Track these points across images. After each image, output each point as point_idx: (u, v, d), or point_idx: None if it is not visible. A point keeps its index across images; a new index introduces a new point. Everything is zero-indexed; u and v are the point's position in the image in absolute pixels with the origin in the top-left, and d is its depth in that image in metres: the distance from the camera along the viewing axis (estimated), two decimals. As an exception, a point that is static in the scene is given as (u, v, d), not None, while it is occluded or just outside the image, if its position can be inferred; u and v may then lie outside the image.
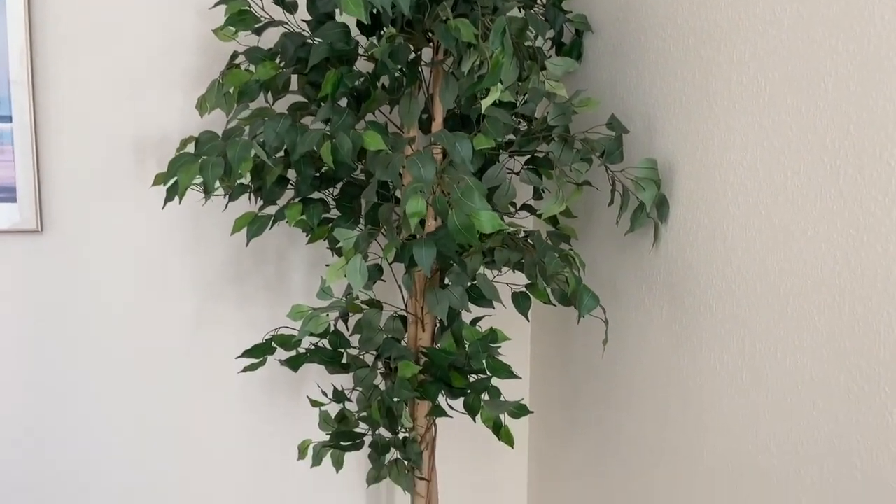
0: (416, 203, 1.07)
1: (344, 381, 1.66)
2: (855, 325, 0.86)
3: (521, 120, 1.41)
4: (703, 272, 1.13)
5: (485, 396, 1.42)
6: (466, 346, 1.31)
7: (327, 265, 1.55)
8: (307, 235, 1.45)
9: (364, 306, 1.38)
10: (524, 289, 1.34)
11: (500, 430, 1.39)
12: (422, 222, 1.36)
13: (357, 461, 1.71)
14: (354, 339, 1.68)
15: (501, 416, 1.72)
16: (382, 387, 1.36)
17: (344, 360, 1.50)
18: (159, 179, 1.31)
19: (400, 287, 1.50)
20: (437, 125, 1.31)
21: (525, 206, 1.48)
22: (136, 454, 1.59)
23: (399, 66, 1.23)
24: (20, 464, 1.54)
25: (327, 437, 1.38)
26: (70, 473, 1.57)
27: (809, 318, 0.92)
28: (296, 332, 1.28)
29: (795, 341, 0.94)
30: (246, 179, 1.53)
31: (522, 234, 1.29)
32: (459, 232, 1.07)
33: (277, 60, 1.28)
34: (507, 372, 1.29)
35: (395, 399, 1.29)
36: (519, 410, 1.38)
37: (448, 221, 1.08)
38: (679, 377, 1.18)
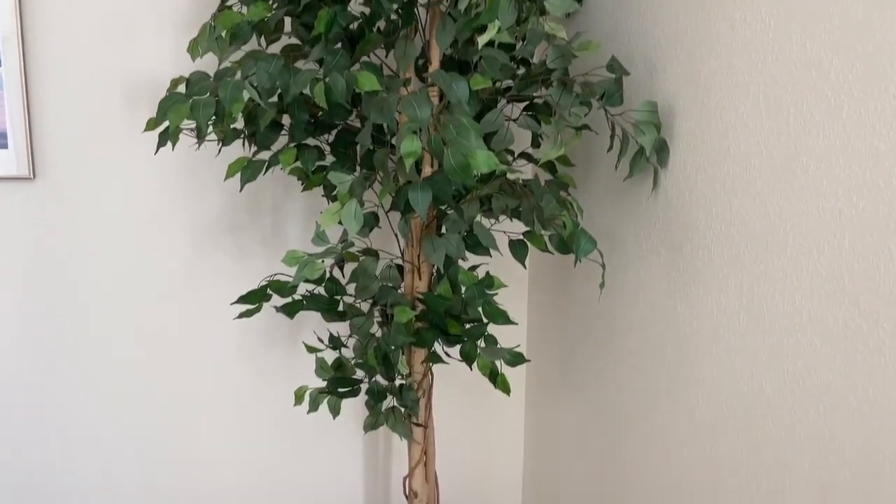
0: (410, 143, 1.05)
1: (340, 328, 1.66)
2: (855, 262, 0.85)
3: (519, 65, 1.38)
4: (701, 216, 1.11)
5: (481, 344, 1.42)
6: (463, 291, 1.30)
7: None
8: (302, 184, 1.44)
9: (360, 255, 1.37)
10: (521, 236, 1.33)
11: (496, 378, 1.39)
12: (418, 170, 1.35)
13: (354, 408, 1.71)
14: (351, 288, 1.68)
15: (498, 364, 1.73)
16: (379, 335, 1.36)
17: (340, 308, 1.50)
18: (151, 125, 1.29)
19: (396, 235, 1.49)
20: (433, 70, 1.28)
21: (523, 155, 1.46)
22: (131, 403, 1.60)
23: (395, 7, 1.20)
24: (17, 408, 1.55)
25: (324, 384, 1.38)
26: (66, 418, 1.57)
27: (809, 257, 0.91)
28: (291, 279, 1.27)
29: (794, 282, 0.93)
30: (239, 124, 1.51)
31: (521, 182, 1.28)
32: (455, 172, 1.05)
33: (270, 1, 1.25)
34: (503, 317, 1.28)
35: (392, 346, 1.29)
36: (515, 358, 1.38)
37: (444, 161, 1.06)
38: (676, 322, 1.18)
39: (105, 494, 1.61)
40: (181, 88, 1.20)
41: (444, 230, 1.34)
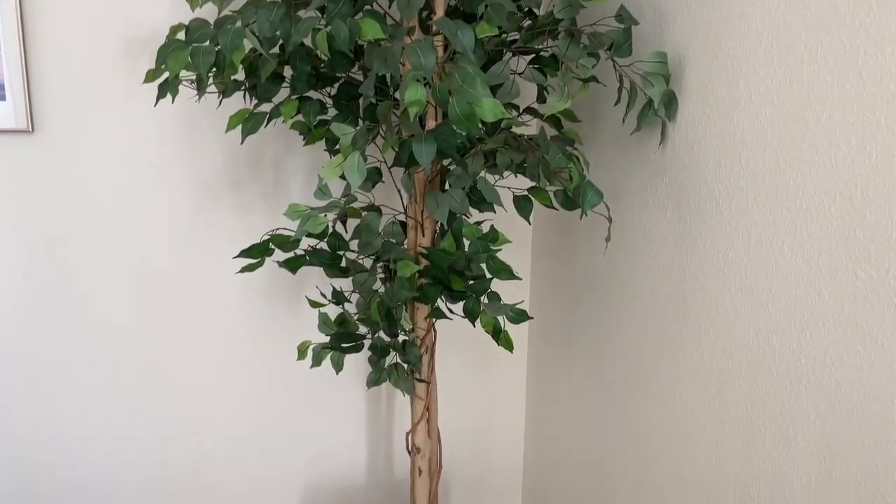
0: (415, 91, 1.03)
1: (344, 284, 1.65)
2: (867, 211, 0.83)
3: (525, 16, 1.35)
4: (710, 169, 1.10)
5: (484, 300, 1.42)
6: (466, 246, 1.29)
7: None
8: (304, 139, 1.42)
9: (363, 210, 1.36)
10: (526, 192, 1.32)
11: (499, 335, 1.39)
12: (422, 123, 1.33)
13: (357, 364, 1.72)
14: (354, 245, 1.67)
15: (501, 321, 1.73)
16: (382, 291, 1.35)
17: (343, 264, 1.49)
18: (150, 76, 1.26)
19: (399, 191, 1.48)
20: (437, 18, 1.25)
21: (529, 110, 1.44)
22: (131, 359, 1.60)
23: (398, -47, 1.17)
24: (17, 360, 1.55)
25: (327, 340, 1.38)
26: (64, 374, 1.58)
27: (820, 207, 0.90)
28: (293, 234, 1.26)
29: (804, 233, 0.92)
30: (240, 76, 1.49)
31: (526, 136, 1.26)
32: (460, 121, 1.03)
33: (270, -53, 1.21)
34: (507, 272, 1.27)
35: (395, 301, 1.28)
36: (519, 315, 1.37)
37: (449, 110, 1.04)
38: (681, 277, 1.17)
39: (107, 452, 1.62)
40: (181, 36, 1.18)
41: (447, 186, 1.32)
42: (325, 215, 1.25)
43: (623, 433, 1.37)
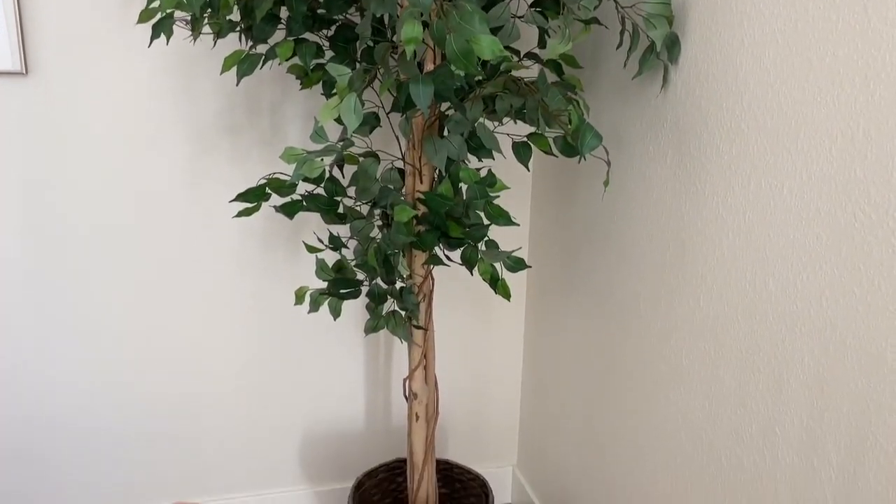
0: (411, 28, 1.01)
1: (341, 231, 1.65)
2: (868, 151, 0.82)
3: (527, -43, 1.32)
4: (711, 112, 1.08)
5: (482, 247, 1.41)
6: (464, 190, 1.28)
7: (323, 116, 1.50)
8: (300, 83, 1.40)
9: (360, 157, 1.35)
10: (525, 139, 1.30)
11: (497, 283, 1.39)
12: (420, 68, 1.31)
13: (355, 312, 1.72)
14: (351, 192, 1.66)
15: (498, 269, 1.72)
16: (379, 238, 1.34)
17: (340, 211, 1.49)
18: (144, 16, 1.24)
19: (397, 137, 1.46)
20: (436, -43, 1.22)
21: (529, 55, 1.42)
22: (132, 306, 1.60)
23: None
24: (14, 304, 1.55)
25: (325, 286, 1.38)
26: (63, 315, 1.58)
27: (821, 148, 0.88)
28: (290, 178, 1.25)
29: (804, 175, 0.91)
30: (235, 16, 1.46)
31: (526, 80, 1.24)
32: (458, 59, 1.02)
33: None
34: (505, 218, 1.27)
35: (392, 247, 1.28)
36: (517, 264, 1.37)
37: (446, 49, 1.02)
38: (679, 224, 1.16)
39: (104, 399, 1.64)
40: (173, -28, 1.15)
41: (446, 132, 1.30)
42: (322, 159, 1.24)
43: (618, 379, 1.38)
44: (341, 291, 1.38)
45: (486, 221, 1.78)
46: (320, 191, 1.62)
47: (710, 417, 1.11)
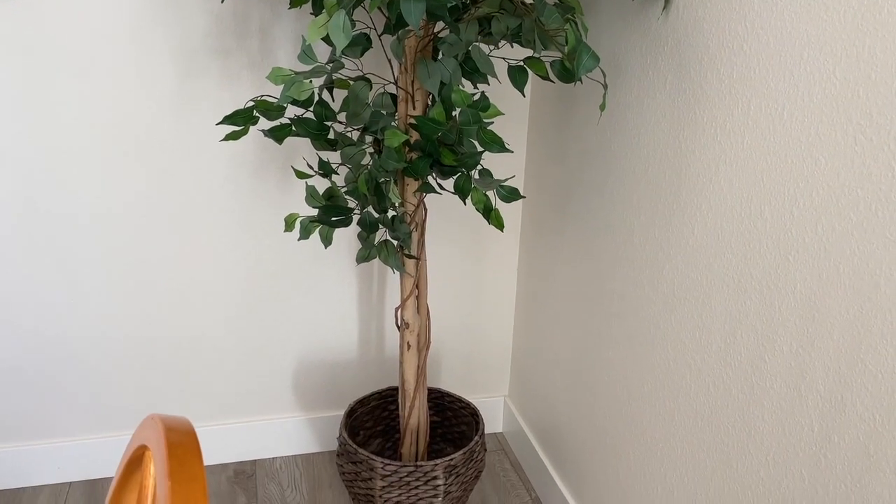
0: (401, -62, 0.96)
1: (331, 158, 1.62)
2: (872, 71, 0.79)
3: None
4: (713, 35, 1.04)
5: (475, 176, 1.39)
6: (457, 115, 1.25)
7: (313, 39, 1.45)
8: (290, 1, 1.35)
9: (351, 80, 1.31)
10: (521, 63, 1.26)
11: (490, 214, 1.37)
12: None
13: (347, 242, 1.71)
14: (342, 117, 1.63)
15: (492, 200, 1.70)
16: (370, 165, 1.32)
17: (330, 136, 1.45)
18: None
19: (390, 61, 1.42)
20: None
21: (527, -25, 1.36)
22: (118, 235, 1.59)
23: None
24: (8, 239, 1.54)
25: (315, 214, 1.37)
26: (52, 250, 1.57)
27: (824, 69, 0.85)
28: (278, 99, 1.21)
29: (805, 96, 0.88)
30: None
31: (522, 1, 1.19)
32: (449, -27, 0.97)
33: None
34: (499, 144, 1.24)
35: (383, 170, 1.25)
36: (511, 194, 1.35)
37: (437, -38, 0.98)
38: (677, 151, 1.14)
39: (100, 326, 1.64)
40: None
41: (440, 55, 1.26)
42: (311, 81, 1.20)
43: (610, 310, 1.37)
44: (332, 219, 1.36)
45: (479, 148, 1.75)
46: (310, 115, 1.59)
47: (700, 346, 1.11)
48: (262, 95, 1.30)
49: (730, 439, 1.05)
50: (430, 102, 1.34)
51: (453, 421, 1.70)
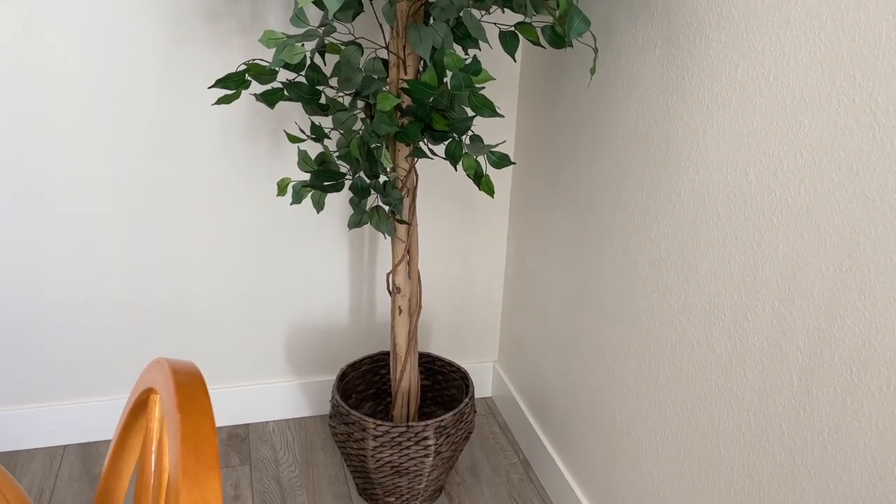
0: None
1: (324, 123, 1.63)
2: (856, 33, 0.81)
3: None
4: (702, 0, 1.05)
5: (466, 141, 1.40)
6: (448, 79, 1.26)
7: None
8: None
9: (342, 45, 1.31)
10: (513, 28, 1.27)
11: (481, 180, 1.39)
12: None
13: (339, 208, 1.72)
14: (334, 82, 1.63)
15: (483, 166, 1.72)
16: (362, 130, 1.33)
17: (322, 101, 1.46)
18: None
19: (381, 26, 1.42)
20: None
21: (518, -60, 1.36)
22: (110, 201, 1.59)
23: None
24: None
25: (307, 178, 1.38)
26: (44, 212, 1.57)
27: (810, 32, 0.87)
28: (270, 63, 1.21)
29: (792, 60, 0.90)
30: None
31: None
32: (442, -65, 0.98)
33: None
34: (490, 109, 1.25)
35: (375, 135, 1.26)
36: (501, 160, 1.36)
37: (430, -76, 0.98)
38: (665, 116, 1.15)
39: (92, 289, 1.65)
40: None
41: (431, 20, 1.27)
42: (303, 45, 1.21)
43: (598, 275, 1.40)
44: (324, 184, 1.37)
45: (470, 113, 1.76)
46: (301, 79, 1.59)
47: (685, 307, 1.13)
48: (254, 59, 1.30)
49: (713, 396, 1.09)
50: (421, 67, 1.34)
51: (443, 385, 1.74)
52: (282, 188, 1.37)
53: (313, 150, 1.64)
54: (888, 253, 0.79)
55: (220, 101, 1.26)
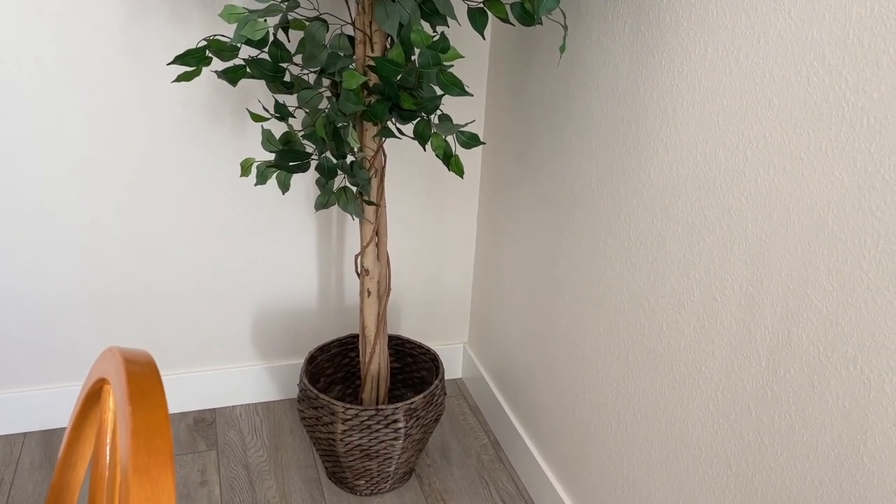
0: None
1: (288, 101, 1.59)
2: (826, 11, 0.80)
3: None
4: (673, -25, 1.04)
5: (435, 121, 1.37)
6: (416, 57, 1.23)
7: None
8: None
9: (307, 21, 1.27)
10: (481, 4, 1.25)
11: (450, 160, 1.36)
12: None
13: (306, 188, 1.69)
14: (298, 59, 1.59)
15: (452, 145, 1.70)
16: (328, 108, 1.30)
17: (287, 79, 1.42)
18: None
19: (346, 1, 1.38)
20: None
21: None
22: (71, 183, 1.54)
23: None
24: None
25: (272, 159, 1.34)
26: (2, 197, 1.52)
27: (780, 10, 0.86)
28: (231, 39, 1.18)
29: (761, 38, 0.89)
30: None
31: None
32: None
33: None
34: (458, 87, 1.23)
35: (341, 114, 1.23)
36: (470, 140, 1.34)
37: None
38: (635, 95, 1.14)
39: (48, 286, 1.60)
40: None
41: (398, -5, 1.23)
42: (265, 20, 1.17)
43: (567, 256, 1.39)
44: (289, 164, 1.34)
45: (439, 92, 1.73)
46: (264, 56, 1.55)
47: (654, 287, 1.13)
48: (215, 35, 1.26)
49: (681, 376, 1.09)
50: (388, 45, 1.31)
51: (413, 367, 1.72)
52: (245, 168, 1.34)
53: (278, 129, 1.61)
54: (856, 233, 0.79)
55: (181, 77, 1.22)
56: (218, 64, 1.52)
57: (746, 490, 0.98)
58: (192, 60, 1.21)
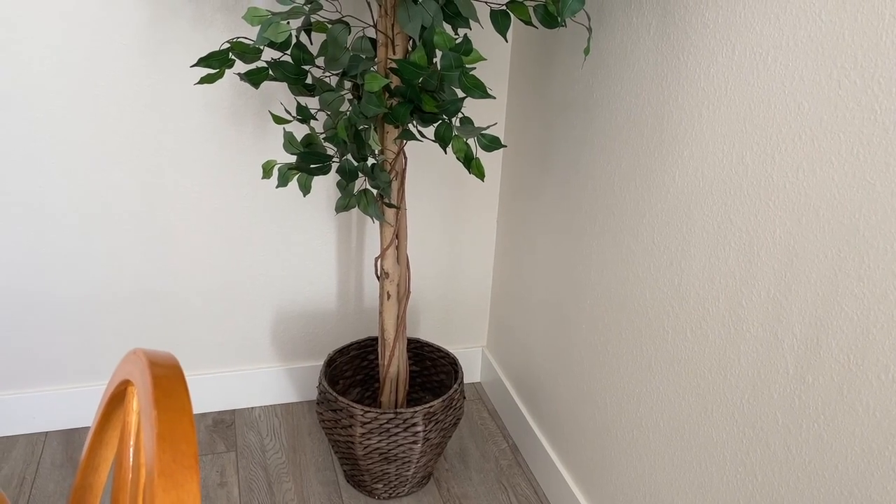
0: None
1: (310, 103, 1.59)
2: (858, 12, 0.78)
3: None
4: (699, -23, 1.03)
5: (456, 123, 1.37)
6: (439, 59, 1.23)
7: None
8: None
9: (329, 24, 1.27)
10: (504, 7, 1.24)
11: (471, 163, 1.36)
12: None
13: (327, 191, 1.69)
14: (320, 62, 1.59)
15: (473, 148, 1.69)
16: (349, 111, 1.29)
17: (309, 81, 1.42)
18: None
19: (369, 4, 1.38)
20: None
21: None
22: (94, 185, 1.55)
23: None
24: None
25: (293, 161, 1.34)
26: (27, 207, 1.53)
27: (810, 12, 0.85)
28: (254, 41, 1.18)
29: (791, 41, 0.88)
30: None
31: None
32: None
33: None
34: (481, 89, 1.22)
35: (362, 116, 1.23)
36: (492, 143, 1.33)
37: None
38: (659, 98, 1.13)
39: (70, 287, 1.61)
40: None
41: (420, -3, 1.23)
42: (288, 22, 1.17)
43: (588, 261, 1.38)
44: (311, 166, 1.34)
45: (460, 94, 1.72)
46: (287, 58, 1.55)
47: (679, 293, 1.12)
48: (238, 38, 1.26)
49: (706, 383, 1.07)
50: (410, 47, 1.31)
51: (432, 370, 1.72)
52: (267, 171, 1.34)
53: (299, 131, 1.61)
54: (888, 239, 0.77)
55: (203, 80, 1.23)
56: (241, 66, 1.52)
57: (772, 500, 0.96)
58: (216, 62, 1.21)
